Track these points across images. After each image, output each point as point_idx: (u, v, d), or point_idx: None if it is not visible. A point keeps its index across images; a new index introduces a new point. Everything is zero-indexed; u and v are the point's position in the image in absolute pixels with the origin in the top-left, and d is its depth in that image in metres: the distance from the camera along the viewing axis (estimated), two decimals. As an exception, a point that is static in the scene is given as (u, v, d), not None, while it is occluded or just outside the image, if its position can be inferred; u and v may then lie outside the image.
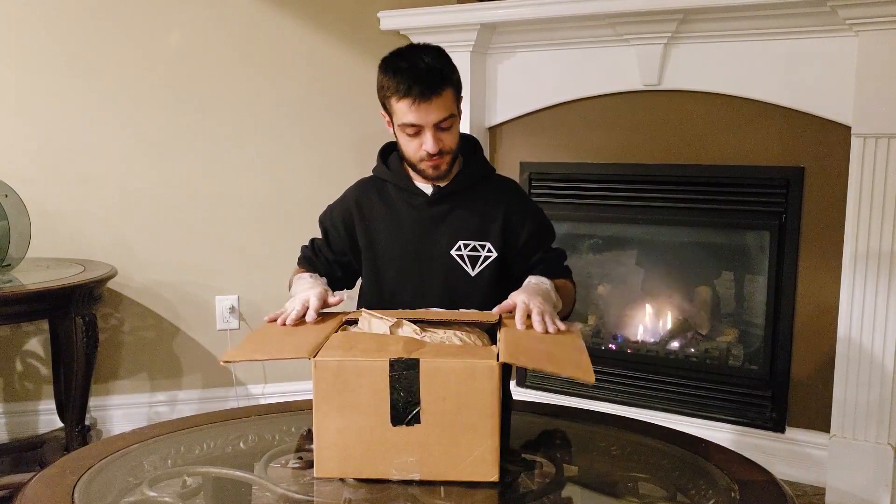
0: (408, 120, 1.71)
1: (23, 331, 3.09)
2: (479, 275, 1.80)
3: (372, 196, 1.89)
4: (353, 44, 3.30)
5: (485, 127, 3.29)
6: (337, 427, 1.26)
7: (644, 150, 3.00)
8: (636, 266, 3.24)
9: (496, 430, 1.25)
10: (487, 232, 1.82)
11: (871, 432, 2.58)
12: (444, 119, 1.71)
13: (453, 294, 1.80)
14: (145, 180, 3.13)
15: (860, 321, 2.58)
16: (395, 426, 1.25)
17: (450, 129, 1.74)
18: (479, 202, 1.84)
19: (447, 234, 1.82)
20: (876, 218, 2.52)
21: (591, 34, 2.99)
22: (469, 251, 1.81)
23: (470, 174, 1.86)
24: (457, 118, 1.76)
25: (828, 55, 2.60)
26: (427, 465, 1.26)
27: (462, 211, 1.83)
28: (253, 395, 3.32)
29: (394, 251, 1.84)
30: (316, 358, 1.28)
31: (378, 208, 1.87)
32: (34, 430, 3.07)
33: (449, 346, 1.38)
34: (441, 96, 1.69)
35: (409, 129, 1.73)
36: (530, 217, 1.87)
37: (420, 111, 1.69)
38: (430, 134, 1.71)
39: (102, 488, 1.28)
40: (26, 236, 2.78)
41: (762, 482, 1.31)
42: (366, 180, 1.94)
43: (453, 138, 1.76)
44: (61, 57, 3.00)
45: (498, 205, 1.84)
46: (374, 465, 1.27)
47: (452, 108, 1.73)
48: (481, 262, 1.81)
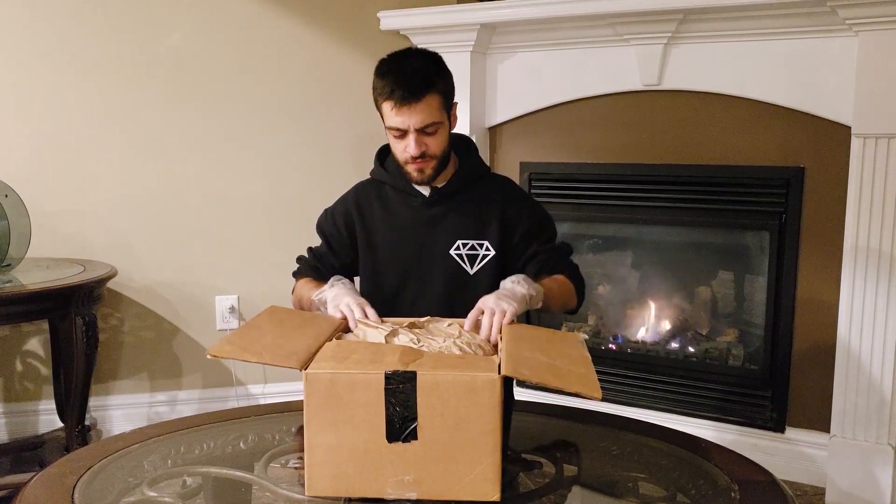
0: (392, 123, 1.73)
1: (23, 331, 3.09)
2: (478, 273, 1.81)
3: (371, 198, 1.89)
4: (352, 44, 3.30)
5: (485, 127, 3.29)
6: (329, 443, 1.21)
7: (644, 150, 3.00)
8: (636, 266, 3.24)
9: (498, 446, 1.19)
10: (485, 230, 1.83)
11: (871, 432, 2.58)
12: (428, 125, 1.72)
13: (453, 293, 1.80)
14: (145, 180, 3.13)
15: (860, 321, 2.58)
16: (391, 443, 1.20)
17: (434, 135, 1.74)
18: (475, 201, 1.85)
19: (445, 234, 1.83)
20: (876, 218, 2.52)
21: (591, 34, 2.99)
22: (468, 250, 1.82)
23: (465, 174, 1.86)
24: (443, 125, 1.76)
25: (828, 55, 2.60)
26: (424, 485, 1.20)
27: (459, 211, 1.83)
28: (253, 395, 3.32)
29: (394, 252, 1.85)
30: (307, 370, 1.22)
31: (377, 210, 1.88)
32: (34, 430, 3.07)
33: (448, 356, 1.32)
34: (423, 101, 1.69)
35: (393, 132, 1.75)
36: (527, 211, 1.87)
37: (402, 115, 1.70)
38: (412, 137, 1.72)
39: (102, 488, 1.28)
40: (26, 236, 2.78)
41: (762, 482, 1.31)
42: (364, 183, 1.94)
43: (438, 144, 1.76)
44: (61, 57, 3.00)
45: (495, 203, 1.85)
46: (369, 483, 1.21)
47: (437, 115, 1.73)
48: (480, 261, 1.81)
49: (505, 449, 1.26)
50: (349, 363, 1.25)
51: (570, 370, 1.29)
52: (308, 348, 1.31)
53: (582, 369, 1.30)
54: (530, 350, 1.35)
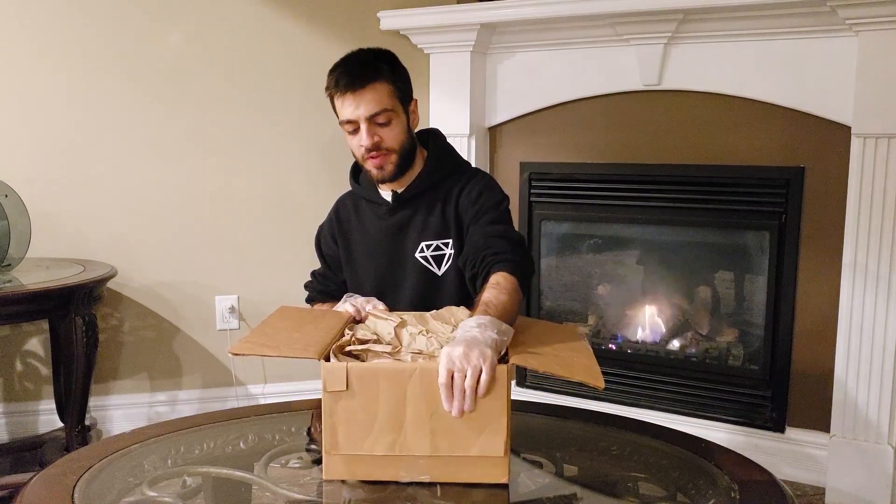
0: (343, 116, 1.72)
1: (23, 331, 3.09)
2: (447, 273, 1.79)
3: (350, 210, 1.91)
4: (353, 44, 3.22)
5: (485, 127, 3.29)
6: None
7: (644, 150, 3.00)
8: (636, 266, 3.24)
9: (505, 432, 1.25)
10: (447, 228, 1.79)
11: (871, 432, 2.58)
12: (377, 113, 1.70)
13: (424, 296, 1.79)
14: (145, 180, 3.13)
15: (860, 321, 2.58)
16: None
17: (387, 125, 1.72)
18: (438, 201, 1.81)
19: (411, 238, 1.82)
20: (876, 218, 2.52)
21: (591, 34, 2.99)
22: (432, 251, 1.80)
23: (426, 175, 1.82)
24: (397, 115, 1.73)
25: (828, 55, 2.60)
26: (436, 468, 1.26)
27: (422, 213, 1.81)
28: (253, 395, 3.32)
29: (369, 262, 1.86)
30: (325, 361, 1.28)
31: (354, 222, 1.89)
32: (34, 430, 3.07)
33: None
34: (370, 89, 1.69)
35: (347, 127, 1.73)
36: (474, 187, 1.79)
37: (350, 104, 1.69)
38: (364, 127, 1.70)
39: (102, 488, 1.28)
40: (26, 236, 2.78)
41: (762, 482, 1.31)
42: (344, 196, 1.95)
43: (393, 136, 1.73)
44: (61, 57, 3.00)
45: (453, 197, 1.81)
46: (383, 467, 1.27)
47: (387, 104, 1.71)
48: (447, 261, 1.79)
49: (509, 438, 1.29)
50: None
51: (573, 360, 1.34)
52: (323, 340, 1.37)
53: (585, 360, 1.35)
54: (533, 341, 1.40)
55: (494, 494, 1.26)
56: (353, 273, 1.88)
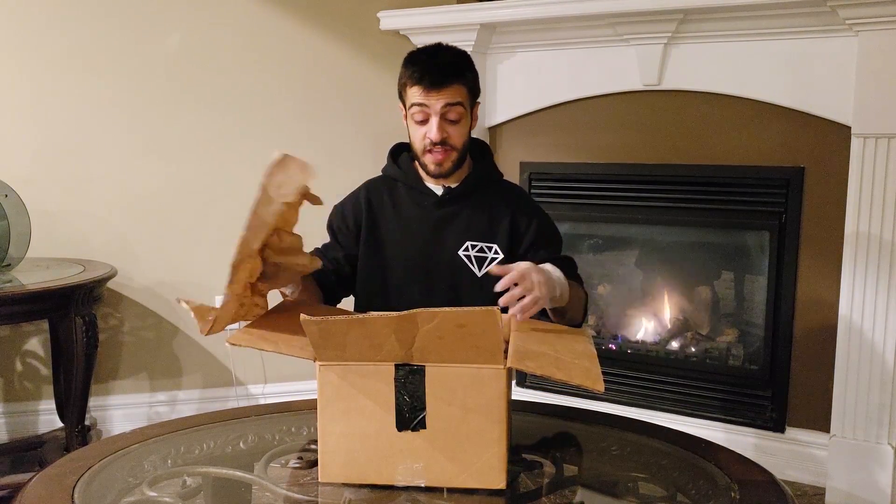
0: (416, 100, 1.75)
1: (23, 331, 3.09)
2: (486, 275, 1.80)
3: (383, 195, 1.90)
4: (353, 44, 3.30)
5: (485, 127, 3.29)
6: (341, 431, 1.25)
7: (644, 150, 3.00)
8: (636, 266, 3.24)
9: (504, 436, 1.23)
10: (494, 233, 1.84)
11: (871, 432, 2.58)
12: (452, 105, 1.74)
13: (459, 294, 1.81)
14: (145, 180, 3.13)
15: (860, 321, 2.58)
16: (401, 431, 1.24)
17: (457, 123, 1.77)
18: (486, 205, 1.86)
19: (455, 234, 1.84)
20: (876, 218, 2.52)
21: (591, 34, 2.99)
22: (476, 252, 1.83)
23: (479, 177, 1.88)
24: (466, 113, 1.79)
25: (828, 55, 2.60)
26: (432, 472, 1.24)
27: (470, 212, 1.84)
28: (253, 395, 3.32)
29: (402, 250, 1.86)
30: (321, 361, 1.27)
31: (388, 207, 1.88)
32: (34, 430, 3.07)
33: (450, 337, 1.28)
34: (451, 88, 1.74)
35: (417, 115, 1.76)
36: (536, 220, 1.88)
37: (429, 97, 1.74)
38: (435, 120, 1.75)
39: (102, 488, 1.28)
40: (26, 236, 2.78)
41: (762, 482, 1.31)
42: (376, 179, 1.95)
43: (459, 134, 1.79)
44: (61, 57, 3.00)
45: (505, 208, 1.86)
46: (379, 470, 1.26)
47: (462, 104, 1.77)
48: (488, 264, 1.81)
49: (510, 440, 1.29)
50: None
51: (574, 363, 1.32)
52: None
53: (586, 363, 1.33)
54: (537, 344, 1.38)
55: (495, 494, 1.25)
56: (377, 257, 1.86)
